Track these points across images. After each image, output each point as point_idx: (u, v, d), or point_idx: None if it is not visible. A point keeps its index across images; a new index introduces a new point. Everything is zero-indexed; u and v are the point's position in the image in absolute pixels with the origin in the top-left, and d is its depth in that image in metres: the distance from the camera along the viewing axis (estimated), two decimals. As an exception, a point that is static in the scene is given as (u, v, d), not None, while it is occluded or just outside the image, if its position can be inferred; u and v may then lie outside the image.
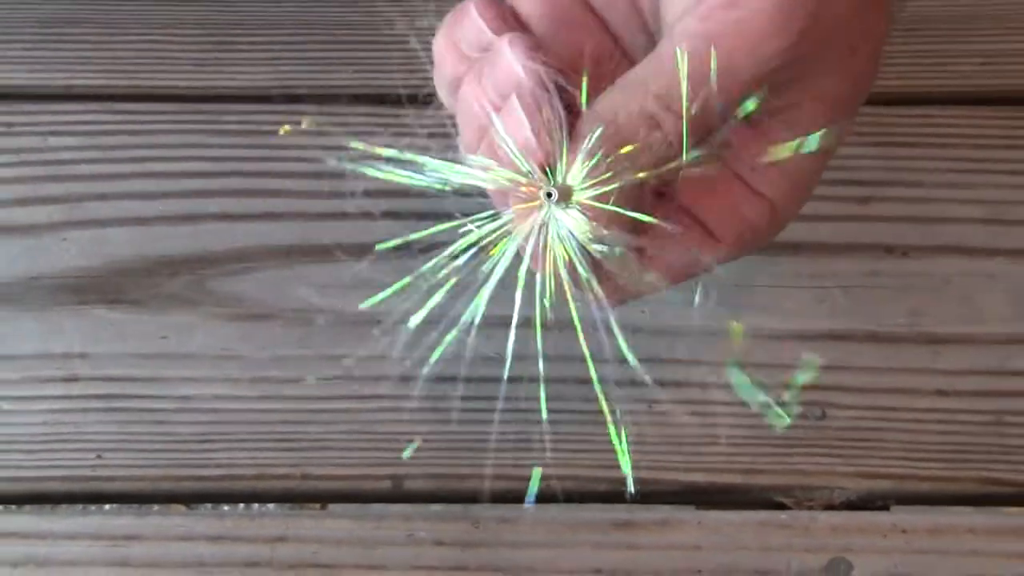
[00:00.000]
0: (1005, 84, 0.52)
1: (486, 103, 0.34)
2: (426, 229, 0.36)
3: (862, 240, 0.49)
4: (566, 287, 0.34)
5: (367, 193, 0.51)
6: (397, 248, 0.37)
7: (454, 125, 0.36)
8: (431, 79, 0.36)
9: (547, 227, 0.34)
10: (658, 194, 0.35)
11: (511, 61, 0.34)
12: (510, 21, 0.36)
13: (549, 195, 0.34)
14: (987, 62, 0.52)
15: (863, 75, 0.33)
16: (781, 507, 0.45)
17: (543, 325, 0.35)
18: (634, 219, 0.33)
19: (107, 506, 0.45)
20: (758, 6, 0.31)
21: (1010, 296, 0.48)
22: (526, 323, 0.36)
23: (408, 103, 0.37)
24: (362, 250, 0.50)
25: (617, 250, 0.34)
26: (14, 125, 0.51)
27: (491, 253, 0.35)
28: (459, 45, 0.36)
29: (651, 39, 0.35)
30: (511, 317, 0.35)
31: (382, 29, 0.53)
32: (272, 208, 0.50)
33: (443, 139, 0.36)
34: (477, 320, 0.35)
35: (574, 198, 0.34)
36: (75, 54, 0.53)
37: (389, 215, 0.49)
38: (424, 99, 0.36)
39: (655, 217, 0.34)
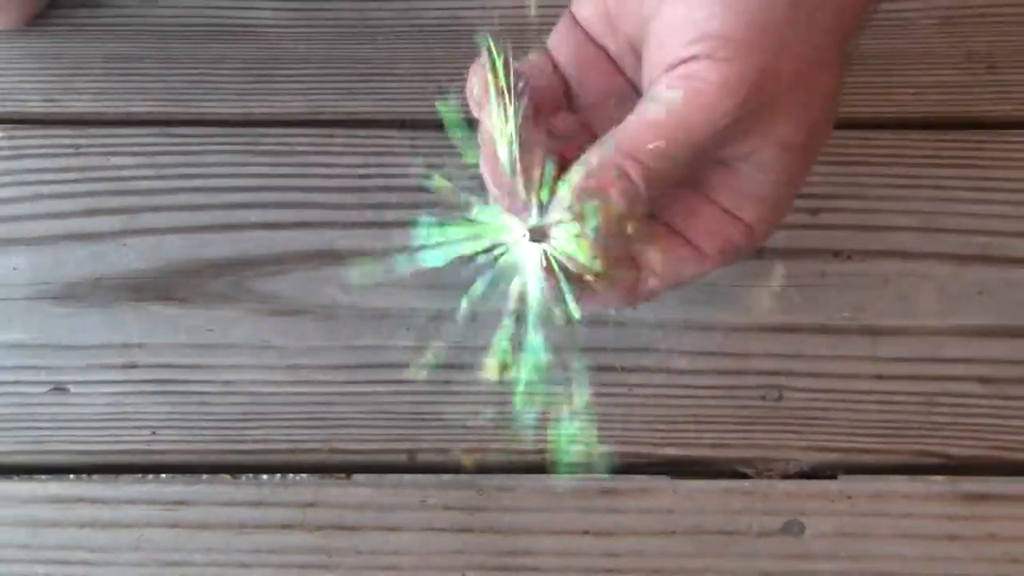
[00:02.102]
0: (932, 111, 0.52)
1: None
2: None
3: (813, 245, 0.49)
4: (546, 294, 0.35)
5: (384, 206, 0.50)
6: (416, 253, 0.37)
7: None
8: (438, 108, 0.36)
9: (527, 256, 0.35)
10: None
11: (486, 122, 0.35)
12: (548, 66, 0.38)
13: (524, 235, 0.35)
14: (918, 92, 0.52)
15: (817, 123, 0.35)
16: (744, 476, 0.45)
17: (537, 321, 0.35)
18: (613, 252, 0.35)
19: (162, 476, 0.45)
20: (712, 79, 0.32)
21: (940, 294, 0.48)
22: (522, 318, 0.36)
23: (418, 128, 0.36)
24: (380, 255, 0.50)
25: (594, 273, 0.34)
26: (81, 147, 0.51)
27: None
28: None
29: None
30: (511, 312, 0.36)
31: (398, 63, 0.53)
32: (304, 218, 0.50)
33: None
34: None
35: (550, 238, 0.35)
36: (134, 85, 0.53)
37: (405, 224, 0.49)
38: (431, 124, 0.36)
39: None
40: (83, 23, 0.55)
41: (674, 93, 0.32)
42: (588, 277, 0.35)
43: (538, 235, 0.34)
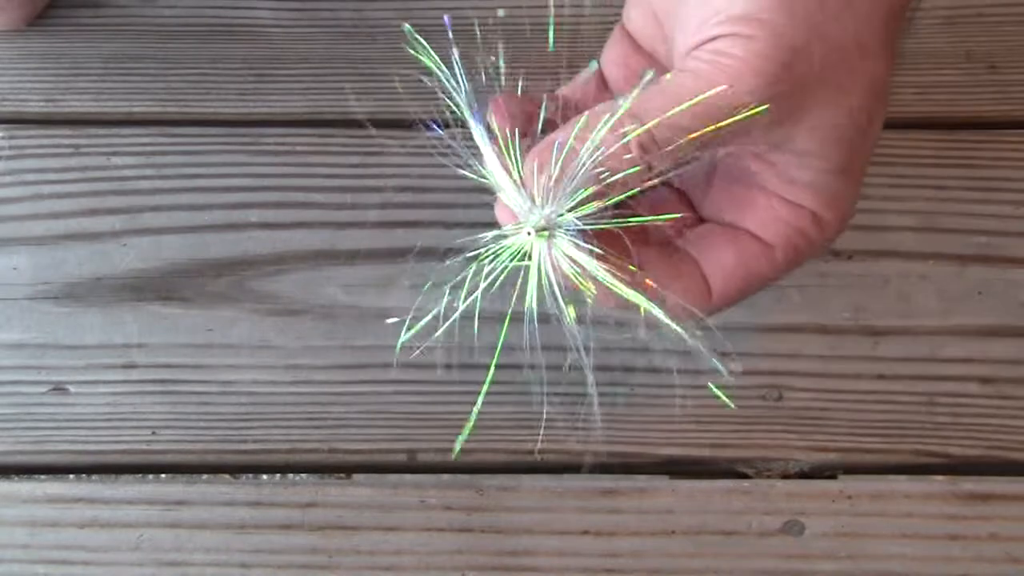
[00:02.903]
0: (935, 111, 0.52)
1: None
2: (435, 239, 0.36)
3: (813, 246, 0.48)
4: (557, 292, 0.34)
5: (384, 206, 0.50)
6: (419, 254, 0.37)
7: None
8: (436, 106, 0.36)
9: (538, 254, 0.33)
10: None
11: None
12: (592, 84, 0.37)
13: (529, 232, 0.33)
14: (918, 92, 0.52)
15: (860, 109, 0.32)
16: (744, 476, 0.45)
17: (539, 321, 0.35)
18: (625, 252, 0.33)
19: (161, 476, 0.45)
20: (739, 54, 0.31)
21: (940, 294, 0.48)
22: (526, 318, 0.36)
23: (419, 127, 0.36)
24: (380, 255, 0.50)
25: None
26: (81, 147, 0.51)
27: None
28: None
29: None
30: (512, 313, 0.35)
31: (398, 63, 0.53)
32: (304, 218, 0.50)
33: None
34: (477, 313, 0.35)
35: (558, 232, 0.32)
36: (135, 85, 0.53)
37: (405, 224, 0.49)
38: (429, 124, 0.36)
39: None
40: (83, 23, 0.55)
41: (697, 63, 0.31)
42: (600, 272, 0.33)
43: (544, 229, 0.32)
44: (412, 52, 0.34)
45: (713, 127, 0.31)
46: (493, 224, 0.35)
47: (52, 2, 0.54)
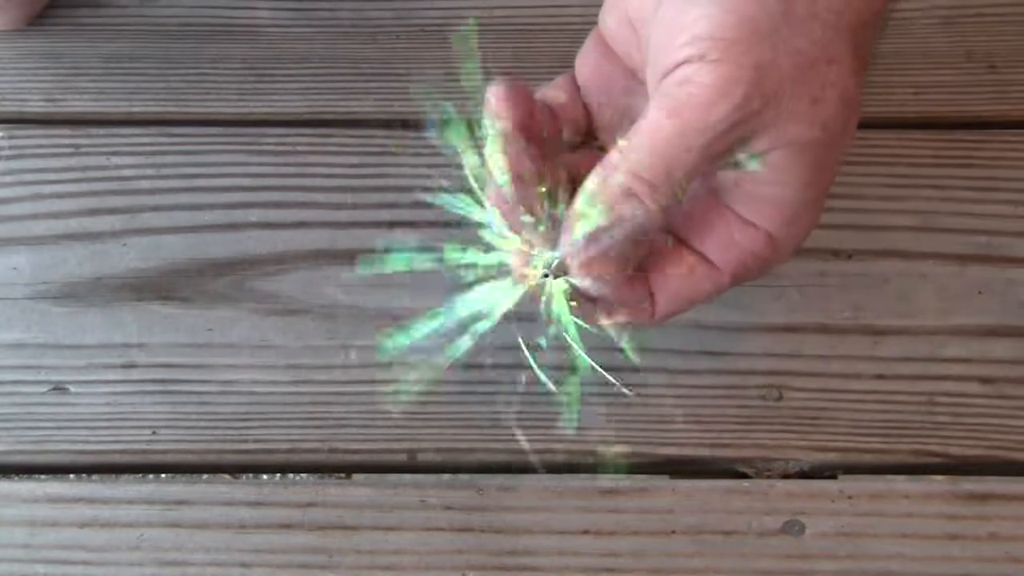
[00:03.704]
0: (932, 111, 0.51)
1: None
2: (436, 239, 0.36)
3: (813, 245, 0.49)
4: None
5: (383, 205, 0.50)
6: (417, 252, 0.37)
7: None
8: (436, 107, 0.36)
9: (546, 292, 0.35)
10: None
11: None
12: (563, 92, 0.37)
13: (546, 274, 0.34)
14: (918, 92, 0.52)
15: (833, 120, 0.32)
16: (744, 476, 0.45)
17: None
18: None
19: (161, 475, 0.45)
20: (705, 82, 0.31)
21: (939, 293, 0.48)
22: (530, 318, 0.36)
23: (419, 128, 0.36)
24: (381, 255, 0.49)
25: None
26: (81, 147, 0.51)
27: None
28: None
29: None
30: (517, 315, 0.36)
31: (398, 63, 0.53)
32: (304, 218, 0.50)
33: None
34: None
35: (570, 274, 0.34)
36: (135, 85, 0.53)
37: (403, 224, 0.49)
38: (429, 124, 0.36)
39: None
40: (83, 23, 0.55)
41: (670, 101, 0.31)
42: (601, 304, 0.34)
43: (559, 271, 0.34)
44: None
45: (696, 160, 0.32)
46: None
47: (52, 2, 0.54)
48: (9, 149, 0.51)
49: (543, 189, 0.34)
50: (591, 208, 0.32)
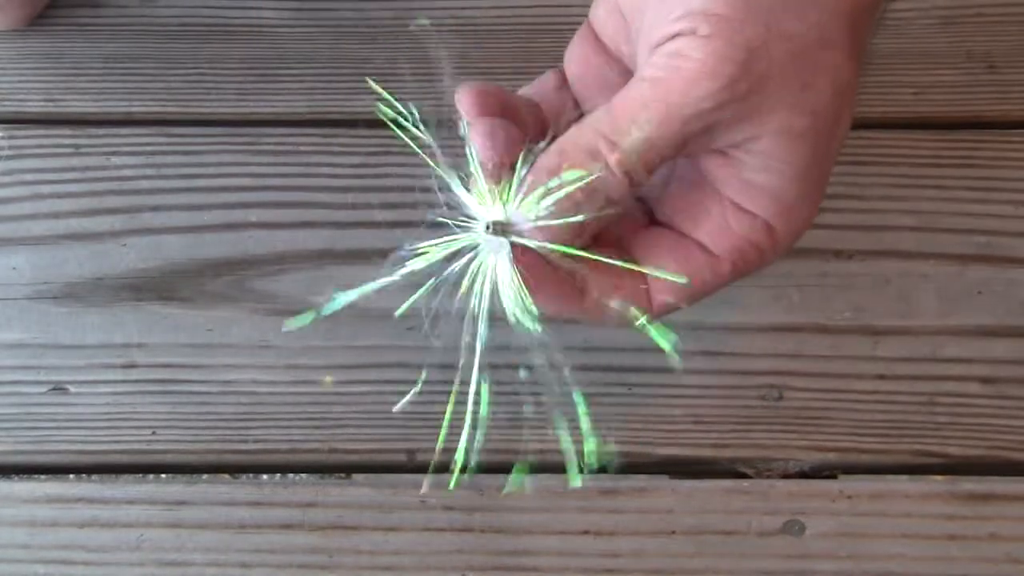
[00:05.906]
0: (932, 111, 0.51)
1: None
2: (433, 239, 0.35)
3: (813, 245, 0.49)
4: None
5: (385, 206, 0.50)
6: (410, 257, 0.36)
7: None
8: (437, 107, 0.36)
9: (488, 254, 0.33)
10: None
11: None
12: (551, 85, 0.37)
13: (487, 227, 0.32)
14: (918, 92, 0.52)
15: (824, 107, 0.31)
16: (744, 476, 0.45)
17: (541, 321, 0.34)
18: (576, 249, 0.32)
19: (161, 475, 0.45)
20: (695, 56, 0.30)
21: (940, 294, 0.48)
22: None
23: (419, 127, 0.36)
24: (381, 255, 0.49)
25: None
26: (81, 147, 0.51)
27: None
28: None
29: None
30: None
31: (399, 64, 0.53)
32: (304, 218, 0.50)
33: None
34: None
35: (512, 231, 0.32)
36: (134, 85, 0.53)
37: (402, 224, 0.49)
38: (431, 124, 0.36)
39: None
40: (83, 23, 0.54)
41: (655, 71, 0.31)
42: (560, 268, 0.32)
43: (499, 228, 0.32)
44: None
45: (676, 137, 0.31)
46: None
47: (52, 2, 0.54)
48: (9, 149, 0.51)
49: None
50: (554, 164, 0.31)
